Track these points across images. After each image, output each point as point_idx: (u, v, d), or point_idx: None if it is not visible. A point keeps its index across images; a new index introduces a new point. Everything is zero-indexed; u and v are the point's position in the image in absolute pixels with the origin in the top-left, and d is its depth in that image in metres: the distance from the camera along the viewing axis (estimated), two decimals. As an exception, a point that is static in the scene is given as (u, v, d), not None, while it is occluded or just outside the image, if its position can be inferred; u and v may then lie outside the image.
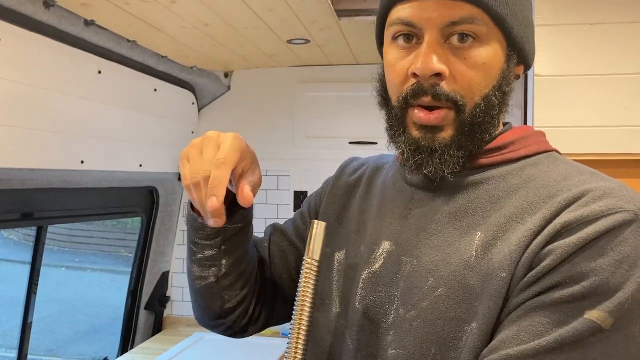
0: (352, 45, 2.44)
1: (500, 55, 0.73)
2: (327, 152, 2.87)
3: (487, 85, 0.72)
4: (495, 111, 0.73)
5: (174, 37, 2.12)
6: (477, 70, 0.71)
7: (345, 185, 0.93)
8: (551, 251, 0.64)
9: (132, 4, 1.71)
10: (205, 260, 0.86)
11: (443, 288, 0.70)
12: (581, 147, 1.57)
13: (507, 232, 0.69)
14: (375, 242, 0.80)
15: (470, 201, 0.74)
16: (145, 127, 2.45)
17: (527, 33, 0.76)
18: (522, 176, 0.73)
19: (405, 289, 0.74)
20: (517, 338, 0.63)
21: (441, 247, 0.73)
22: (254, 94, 2.98)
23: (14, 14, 1.60)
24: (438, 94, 0.70)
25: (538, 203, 0.69)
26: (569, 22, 1.59)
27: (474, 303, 0.67)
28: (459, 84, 0.71)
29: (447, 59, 0.70)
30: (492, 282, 0.66)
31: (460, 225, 0.73)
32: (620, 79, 1.57)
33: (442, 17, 0.69)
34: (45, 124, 1.83)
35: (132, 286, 2.83)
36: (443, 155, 0.72)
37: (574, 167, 0.73)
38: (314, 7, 1.86)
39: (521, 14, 0.74)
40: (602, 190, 0.66)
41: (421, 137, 0.73)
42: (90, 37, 1.92)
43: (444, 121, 0.72)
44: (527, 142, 0.77)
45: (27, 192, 1.95)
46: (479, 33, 0.70)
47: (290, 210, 2.94)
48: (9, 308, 4.99)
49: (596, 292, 0.61)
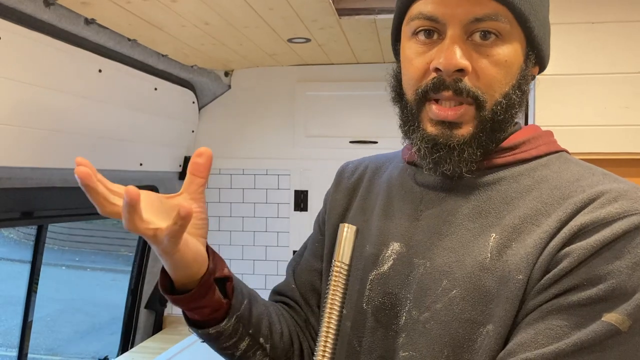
0: (353, 44, 2.44)
1: (520, 54, 0.73)
2: (327, 151, 2.87)
3: (507, 84, 0.72)
4: (515, 109, 0.73)
5: (174, 36, 2.12)
6: (499, 67, 0.70)
7: (345, 189, 0.91)
8: (568, 253, 0.64)
9: (132, 2, 1.71)
10: (227, 349, 0.81)
11: (457, 289, 0.69)
12: (582, 146, 1.57)
13: (521, 233, 0.68)
14: (383, 243, 0.79)
15: (483, 202, 0.73)
16: (146, 126, 2.45)
17: (545, 34, 0.75)
18: (534, 177, 0.73)
19: (417, 291, 0.73)
20: (535, 341, 0.63)
21: (455, 249, 0.72)
22: (254, 93, 2.98)
23: (13, 12, 1.60)
24: (460, 89, 0.70)
25: (552, 204, 0.68)
26: (569, 20, 1.59)
27: (490, 305, 0.67)
28: (481, 80, 0.70)
29: (470, 55, 0.70)
30: (509, 284, 0.66)
31: (474, 226, 0.72)
32: (621, 78, 1.57)
33: (466, 13, 0.69)
34: (46, 123, 1.82)
35: (132, 285, 2.82)
36: (462, 152, 0.71)
37: (586, 168, 0.73)
38: (315, 6, 1.86)
39: (542, 14, 0.74)
40: (616, 191, 0.66)
41: (438, 133, 0.72)
42: (90, 35, 1.92)
43: (463, 117, 0.71)
44: (538, 142, 0.76)
45: (27, 190, 1.95)
46: (501, 30, 0.70)
47: (290, 209, 2.94)
48: (8, 307, 4.99)
49: (613, 294, 0.61)
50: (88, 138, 2.06)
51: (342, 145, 2.83)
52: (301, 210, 2.94)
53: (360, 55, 2.67)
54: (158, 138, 2.58)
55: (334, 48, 2.51)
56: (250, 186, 2.97)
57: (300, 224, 2.91)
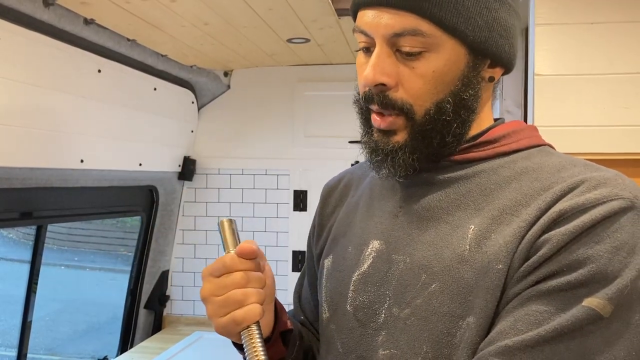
0: (352, 44, 2.44)
1: (456, 62, 0.71)
2: (327, 151, 2.87)
3: (441, 92, 0.72)
4: (449, 117, 0.72)
5: (174, 36, 2.12)
6: (425, 79, 0.71)
7: (334, 201, 0.93)
8: (547, 240, 0.64)
9: (132, 2, 1.71)
10: None
11: (436, 283, 0.69)
12: (581, 146, 1.57)
13: (501, 224, 0.68)
14: (363, 243, 0.80)
15: (462, 195, 0.73)
16: (145, 126, 2.45)
17: (492, 37, 0.72)
18: (515, 168, 0.73)
19: (397, 287, 0.73)
20: (514, 328, 0.62)
21: (434, 243, 0.72)
22: (253, 93, 2.98)
23: (13, 13, 1.60)
24: (384, 102, 0.72)
25: (532, 195, 0.68)
26: (568, 21, 1.59)
27: (469, 297, 0.67)
28: (407, 92, 0.72)
29: (396, 68, 0.71)
30: (488, 274, 0.66)
31: (452, 219, 0.72)
32: (620, 78, 1.57)
33: (386, 28, 0.70)
34: (45, 123, 1.82)
35: (132, 285, 2.83)
36: (395, 157, 0.74)
37: (568, 160, 0.73)
38: (314, 6, 1.86)
39: (481, 18, 0.71)
40: (597, 179, 0.66)
41: (378, 139, 0.76)
42: (89, 35, 1.92)
43: (393, 126, 0.74)
44: (519, 136, 0.76)
45: (26, 191, 1.95)
46: (425, 43, 0.70)
47: (289, 209, 2.95)
48: (7, 306, 4.99)
49: (594, 279, 0.61)
50: (87, 138, 2.06)
51: (341, 145, 2.83)
52: (300, 210, 2.94)
53: (360, 55, 2.67)
54: (157, 138, 2.58)
55: (333, 48, 2.51)
56: (250, 186, 2.97)
57: (299, 224, 2.91)
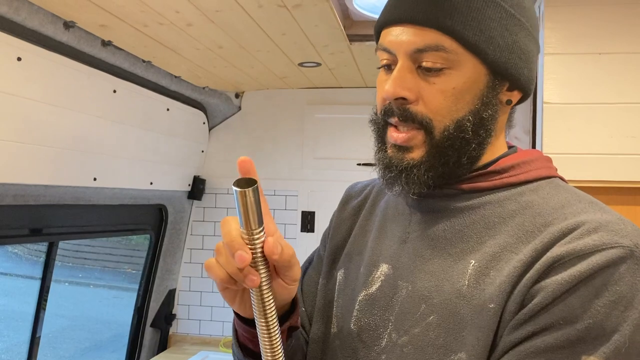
0: (362, 69, 2.48)
1: (476, 81, 0.72)
2: (335, 173, 2.89)
3: (461, 110, 0.72)
4: (468, 135, 0.72)
5: (188, 58, 2.16)
6: (445, 94, 0.71)
7: (351, 209, 0.93)
8: (543, 287, 0.63)
9: (149, 26, 1.75)
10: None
11: (434, 315, 0.70)
12: (588, 174, 1.59)
13: (500, 261, 0.68)
14: (373, 264, 0.81)
15: (466, 226, 0.73)
16: (157, 146, 2.48)
17: (511, 59, 0.73)
18: (520, 202, 0.72)
19: (399, 314, 0.74)
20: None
21: (435, 273, 0.72)
22: (263, 115, 3.01)
23: (35, 35, 1.64)
24: (404, 115, 0.73)
25: (532, 232, 0.68)
26: (577, 51, 1.62)
27: (462, 332, 0.67)
28: (428, 107, 0.72)
29: (417, 83, 0.72)
30: (482, 313, 0.66)
31: (455, 251, 0.72)
32: (627, 108, 1.59)
33: (408, 44, 0.72)
34: (61, 141, 1.86)
35: (139, 303, 2.83)
36: (409, 174, 0.73)
37: (574, 195, 0.72)
38: (326, 32, 1.90)
39: (502, 39, 0.72)
40: (597, 222, 0.64)
41: (392, 155, 0.75)
42: (106, 57, 1.96)
43: (411, 141, 0.73)
44: (529, 167, 0.76)
45: (39, 207, 1.97)
46: (447, 60, 0.71)
47: (297, 230, 2.96)
48: (11, 322, 4.99)
49: (591, 335, 0.60)
50: (101, 157, 2.09)
51: (350, 168, 2.86)
52: (308, 231, 2.95)
53: (369, 79, 2.70)
54: (169, 157, 2.61)
55: (343, 72, 2.55)
56: (258, 206, 2.98)
57: (307, 245, 2.92)
